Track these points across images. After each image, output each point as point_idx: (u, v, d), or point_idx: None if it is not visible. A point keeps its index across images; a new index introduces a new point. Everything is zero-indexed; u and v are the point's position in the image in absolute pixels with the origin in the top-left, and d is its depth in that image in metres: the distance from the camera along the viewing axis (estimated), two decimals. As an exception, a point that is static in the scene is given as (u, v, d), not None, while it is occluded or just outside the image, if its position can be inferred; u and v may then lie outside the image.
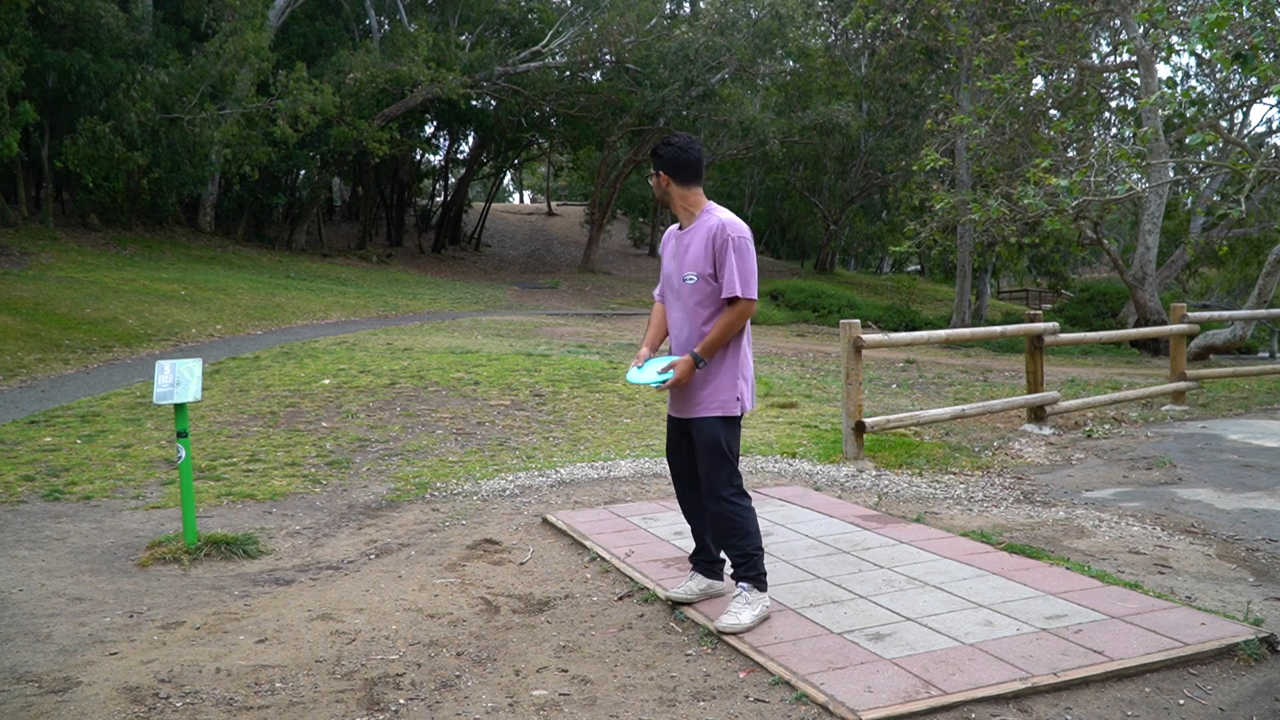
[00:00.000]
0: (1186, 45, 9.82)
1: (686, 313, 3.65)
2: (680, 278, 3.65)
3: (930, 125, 18.64)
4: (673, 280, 3.72)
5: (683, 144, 3.66)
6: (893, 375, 13.02)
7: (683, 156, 3.65)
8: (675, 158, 3.65)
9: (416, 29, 27.88)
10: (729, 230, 3.54)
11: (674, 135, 3.72)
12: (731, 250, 3.51)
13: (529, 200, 71.59)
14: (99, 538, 5.09)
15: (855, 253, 52.19)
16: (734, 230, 3.55)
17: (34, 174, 23.81)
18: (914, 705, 2.88)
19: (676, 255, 3.71)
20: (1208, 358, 16.99)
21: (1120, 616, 3.54)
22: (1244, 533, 4.86)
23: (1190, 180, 22.54)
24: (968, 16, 20.08)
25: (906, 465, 6.64)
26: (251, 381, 9.80)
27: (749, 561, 3.61)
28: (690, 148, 3.66)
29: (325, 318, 17.12)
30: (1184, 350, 9.82)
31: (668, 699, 3.05)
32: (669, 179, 3.66)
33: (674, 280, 3.71)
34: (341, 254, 31.29)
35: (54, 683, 3.23)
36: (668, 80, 29.33)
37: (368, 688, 3.18)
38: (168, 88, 21.86)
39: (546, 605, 3.94)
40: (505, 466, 6.61)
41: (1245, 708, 2.92)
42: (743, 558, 3.61)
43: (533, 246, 44.05)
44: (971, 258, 25.00)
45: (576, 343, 14.04)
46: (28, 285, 15.42)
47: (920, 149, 19.39)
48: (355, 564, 4.57)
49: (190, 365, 4.69)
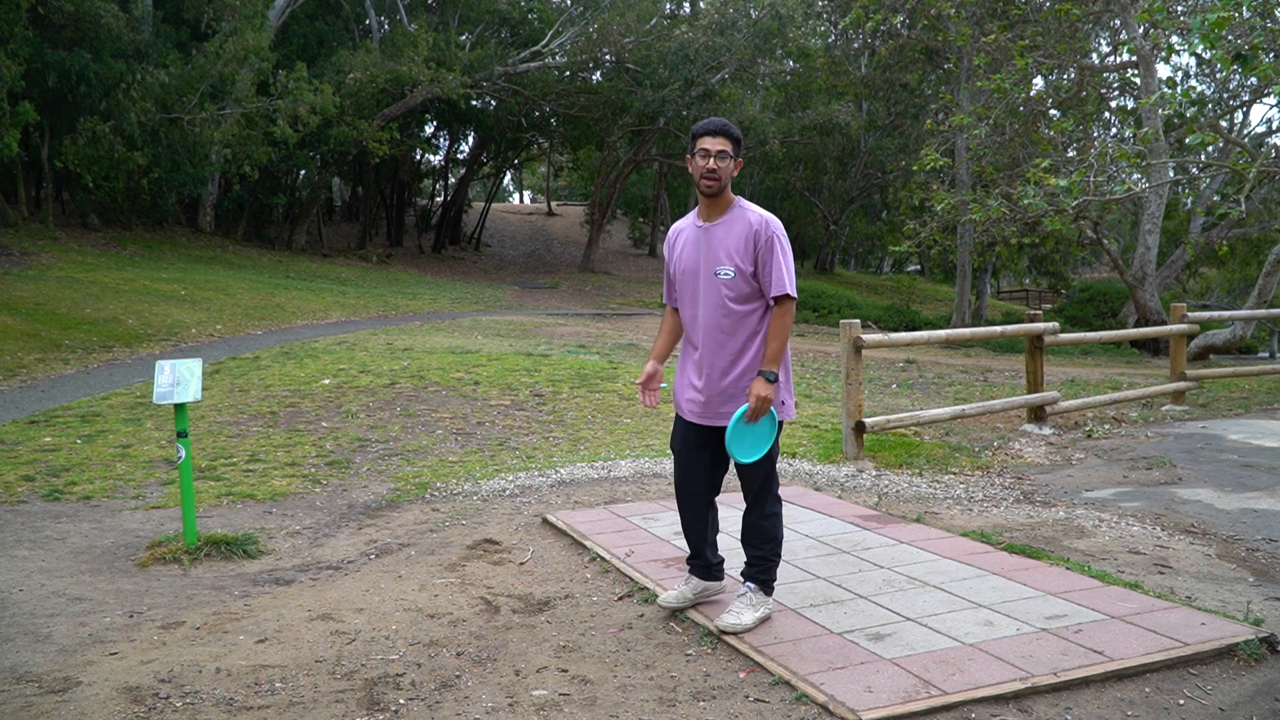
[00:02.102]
0: (1186, 45, 9.83)
1: (712, 307, 3.46)
2: (711, 270, 3.46)
3: (930, 125, 18.64)
4: (694, 274, 3.52)
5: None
6: (893, 375, 13.02)
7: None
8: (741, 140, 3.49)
9: (416, 29, 27.89)
10: (773, 228, 3.44)
11: (716, 118, 3.52)
12: (778, 248, 3.42)
13: (529, 200, 71.61)
14: (99, 538, 5.09)
15: (855, 253, 52.17)
16: (777, 228, 3.46)
17: (34, 174, 23.81)
18: (914, 705, 2.88)
19: (701, 247, 3.51)
20: (1208, 358, 16.99)
21: (1120, 616, 3.54)
22: (1244, 533, 4.86)
23: (1190, 180, 22.55)
24: (968, 16, 20.08)
25: (906, 465, 6.64)
26: (251, 381, 9.79)
27: (766, 565, 3.59)
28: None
29: (325, 318, 17.12)
30: (1184, 350, 9.82)
31: (668, 699, 3.05)
32: (740, 162, 3.49)
33: (696, 274, 3.51)
34: (341, 254, 31.30)
35: (54, 683, 3.23)
36: (668, 80, 29.34)
37: (368, 688, 3.18)
38: (168, 88, 21.86)
39: (546, 605, 3.94)
40: (505, 466, 6.60)
41: (1245, 708, 2.92)
42: (763, 560, 3.57)
43: (533, 246, 44.05)
44: (971, 258, 25.00)
45: (576, 343, 14.04)
46: (28, 285, 15.42)
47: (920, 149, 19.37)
48: (355, 564, 4.57)
49: (190, 365, 4.69)
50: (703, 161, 3.42)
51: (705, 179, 3.44)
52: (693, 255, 3.54)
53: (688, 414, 3.58)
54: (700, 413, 3.53)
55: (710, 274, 3.47)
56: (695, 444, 3.60)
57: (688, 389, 3.59)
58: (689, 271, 3.55)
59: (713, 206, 3.50)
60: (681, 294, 3.61)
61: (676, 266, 3.61)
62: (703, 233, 3.52)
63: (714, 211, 3.51)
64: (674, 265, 3.63)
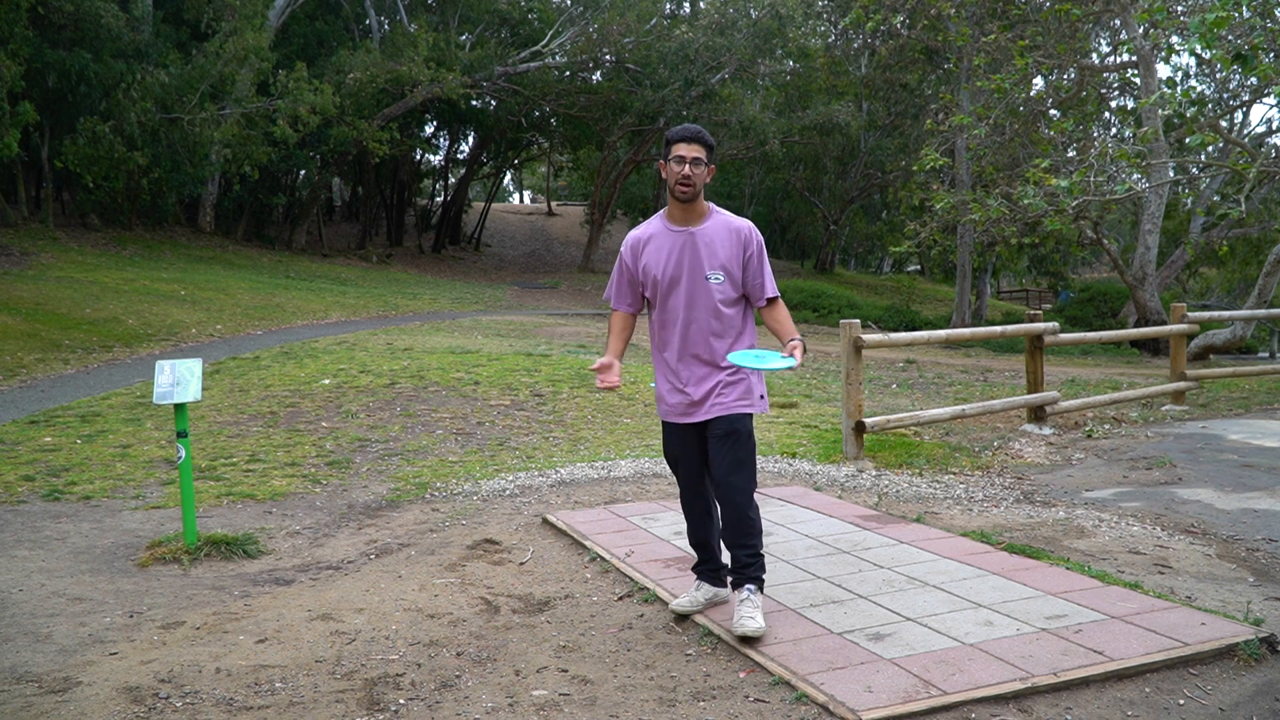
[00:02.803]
0: (1186, 45, 9.82)
1: (703, 311, 3.52)
2: (701, 275, 3.51)
3: (930, 125, 18.64)
4: (677, 280, 3.55)
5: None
6: (893, 375, 13.02)
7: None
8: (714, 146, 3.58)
9: (416, 29, 27.90)
10: (757, 234, 3.59)
11: (690, 125, 3.57)
12: (764, 253, 3.57)
13: (529, 200, 71.59)
14: (99, 538, 5.09)
15: (855, 253, 52.16)
16: (759, 234, 3.62)
17: (34, 174, 23.82)
18: (914, 705, 2.88)
19: (685, 253, 3.54)
20: (1208, 358, 16.99)
21: (1120, 616, 3.54)
22: (1244, 533, 4.86)
23: (1190, 180, 22.54)
24: (968, 16, 20.08)
25: (906, 465, 6.64)
26: (251, 381, 9.79)
27: (759, 561, 3.58)
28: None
29: (325, 318, 17.12)
30: (1184, 350, 9.82)
31: (668, 699, 3.05)
32: (712, 168, 3.56)
33: (678, 280, 3.54)
34: (341, 254, 31.30)
35: (54, 683, 3.23)
36: (668, 80, 29.34)
37: (368, 688, 3.18)
38: (168, 88, 21.87)
39: (546, 605, 3.94)
40: (505, 466, 6.60)
41: (1245, 708, 2.92)
42: (753, 556, 3.56)
43: (533, 246, 44.05)
44: (971, 258, 25.00)
45: (576, 343, 14.04)
46: (28, 285, 15.42)
47: (920, 149, 19.39)
48: (355, 564, 4.57)
49: (190, 365, 4.69)
50: (678, 168, 3.46)
51: (681, 184, 3.48)
52: (674, 261, 3.55)
53: (679, 416, 3.62)
54: (693, 412, 3.58)
55: (699, 279, 3.52)
56: (692, 445, 3.64)
57: (674, 393, 3.62)
58: (670, 278, 3.56)
59: (688, 212, 3.55)
60: (661, 300, 3.61)
61: (650, 272, 3.60)
62: (684, 238, 3.55)
63: (690, 217, 3.56)
64: (647, 271, 3.61)
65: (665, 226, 3.60)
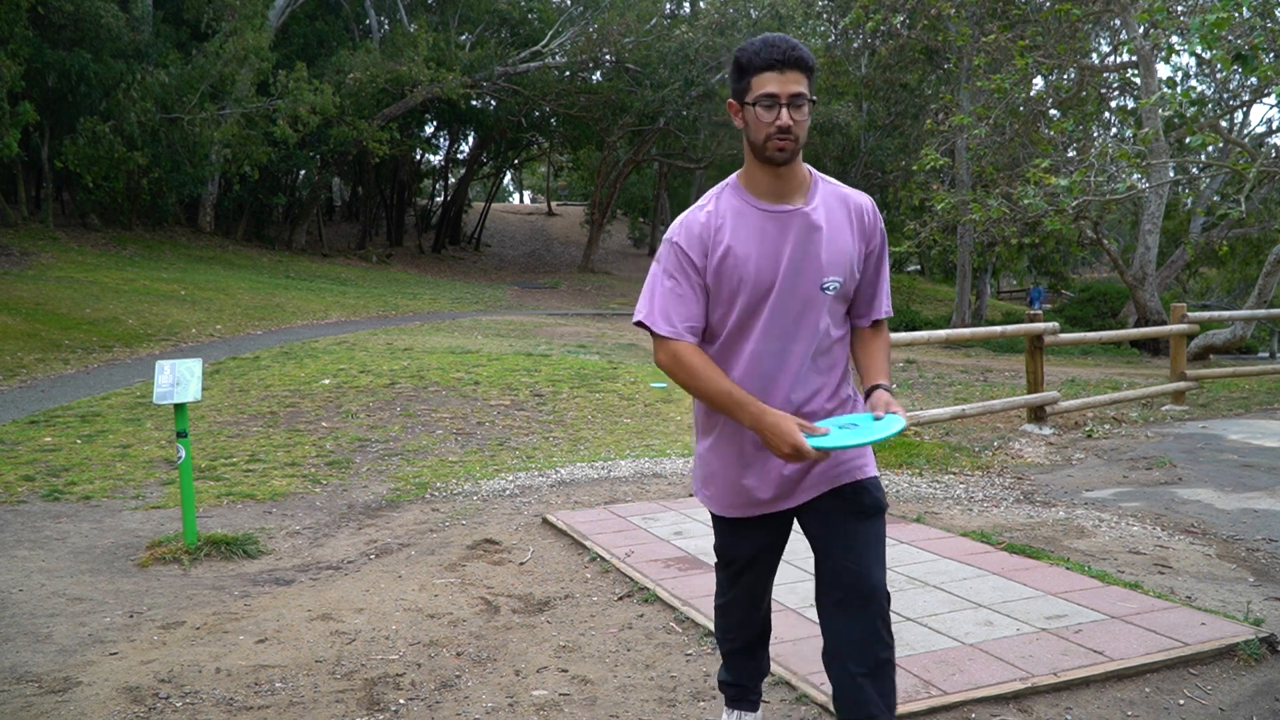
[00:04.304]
0: (1186, 45, 9.83)
1: (810, 337, 2.26)
2: (817, 282, 2.23)
3: (930, 125, 18.63)
4: (789, 291, 2.23)
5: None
6: (893, 375, 13.02)
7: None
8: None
9: (416, 29, 27.91)
10: (879, 214, 2.35)
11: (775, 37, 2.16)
12: (887, 246, 2.35)
13: (529, 200, 71.59)
14: (99, 538, 5.09)
15: (855, 253, 52.08)
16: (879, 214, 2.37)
17: (34, 174, 23.82)
18: (914, 705, 2.88)
19: (796, 248, 2.22)
20: (1208, 358, 16.99)
21: (1120, 616, 3.54)
22: (1244, 533, 4.86)
23: (1190, 180, 22.54)
24: (968, 16, 20.07)
25: (906, 465, 6.64)
26: (251, 381, 9.79)
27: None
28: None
29: (325, 318, 17.12)
30: (1184, 350, 9.82)
31: (668, 699, 3.05)
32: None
33: (789, 289, 2.23)
34: (341, 254, 31.30)
35: (54, 683, 3.23)
36: (668, 80, 29.35)
37: (368, 688, 3.18)
38: (168, 88, 21.88)
39: (546, 605, 3.94)
40: (505, 466, 6.60)
41: (1245, 708, 2.92)
42: (890, 693, 2.31)
43: (533, 246, 44.05)
44: (971, 258, 25.00)
45: (576, 343, 14.04)
46: (28, 285, 15.42)
47: (920, 149, 19.37)
48: (355, 564, 4.57)
49: (190, 365, 4.69)
50: (768, 115, 2.12)
51: (779, 139, 2.13)
52: (775, 257, 2.22)
53: (758, 507, 2.37)
54: (790, 493, 2.33)
55: (814, 287, 2.24)
56: (776, 540, 2.47)
57: (751, 471, 2.34)
58: (768, 284, 2.23)
59: (786, 180, 2.22)
60: (742, 319, 2.26)
61: (735, 273, 2.22)
62: (789, 221, 2.22)
63: (788, 188, 2.23)
64: (730, 272, 2.23)
65: (749, 203, 2.24)
